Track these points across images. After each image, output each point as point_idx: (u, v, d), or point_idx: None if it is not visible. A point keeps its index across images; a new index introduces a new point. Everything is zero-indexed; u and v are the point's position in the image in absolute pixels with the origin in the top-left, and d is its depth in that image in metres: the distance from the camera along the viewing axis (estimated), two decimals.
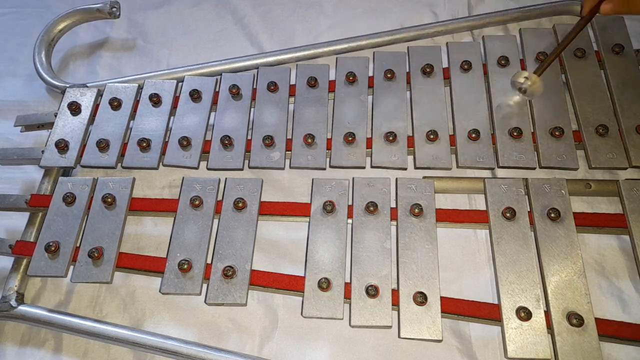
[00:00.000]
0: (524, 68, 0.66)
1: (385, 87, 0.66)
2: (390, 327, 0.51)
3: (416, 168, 0.60)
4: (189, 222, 0.57)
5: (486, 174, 0.63)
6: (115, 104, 0.66)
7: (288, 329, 0.55)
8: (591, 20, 0.59)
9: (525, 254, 0.54)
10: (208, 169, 0.61)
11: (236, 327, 0.56)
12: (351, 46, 0.73)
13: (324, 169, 0.61)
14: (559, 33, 0.69)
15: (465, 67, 0.66)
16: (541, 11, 0.76)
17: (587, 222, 0.56)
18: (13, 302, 0.55)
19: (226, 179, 0.60)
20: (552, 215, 0.55)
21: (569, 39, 0.59)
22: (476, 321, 0.52)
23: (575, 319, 0.49)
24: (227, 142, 0.61)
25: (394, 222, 0.57)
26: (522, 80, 0.60)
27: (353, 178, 0.59)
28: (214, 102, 0.66)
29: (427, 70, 0.66)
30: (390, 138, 0.61)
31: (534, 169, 0.60)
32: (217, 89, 0.67)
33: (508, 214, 0.55)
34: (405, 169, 0.60)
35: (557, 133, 0.60)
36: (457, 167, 0.60)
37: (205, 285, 0.54)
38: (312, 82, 0.66)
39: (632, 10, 0.56)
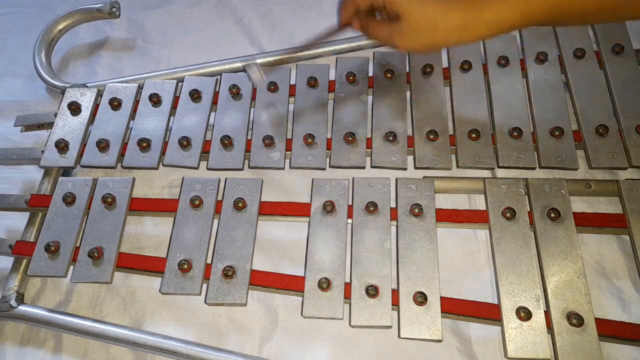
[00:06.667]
0: (523, 68, 0.66)
1: (385, 87, 0.66)
2: (390, 327, 0.51)
3: (416, 168, 0.60)
4: (189, 222, 0.57)
5: (486, 174, 0.63)
6: (115, 104, 0.66)
7: (288, 329, 0.55)
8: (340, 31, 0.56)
9: (525, 254, 0.54)
10: (208, 169, 0.61)
11: (236, 327, 0.56)
12: (351, 46, 0.73)
13: (324, 169, 0.61)
14: (559, 33, 0.69)
15: (465, 67, 0.66)
16: None
17: (587, 222, 0.56)
18: (13, 302, 0.55)
19: (226, 179, 0.60)
20: (552, 215, 0.55)
21: (314, 42, 0.58)
22: (476, 321, 0.52)
23: (575, 319, 0.49)
24: (227, 142, 0.61)
25: (394, 222, 0.57)
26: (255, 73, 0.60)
27: (353, 178, 0.59)
28: (214, 102, 0.66)
29: (427, 70, 0.66)
30: (390, 138, 0.61)
31: (534, 169, 0.60)
32: (217, 89, 0.67)
33: (508, 214, 0.55)
34: (405, 169, 0.60)
35: (557, 133, 0.60)
36: (457, 167, 0.60)
37: (205, 285, 0.54)
38: (312, 82, 0.66)
39: (369, 34, 0.53)
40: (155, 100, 0.66)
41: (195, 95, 0.66)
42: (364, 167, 0.61)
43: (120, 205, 0.58)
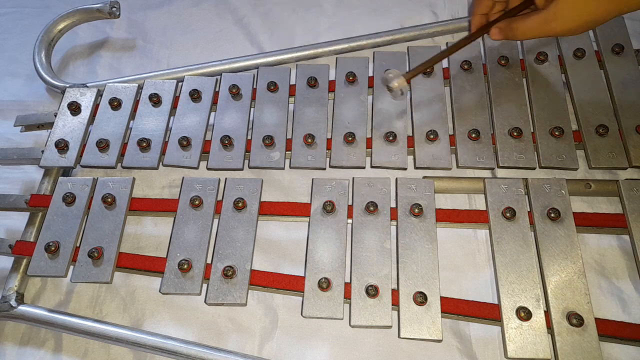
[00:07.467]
0: (523, 68, 0.66)
1: (385, 87, 0.66)
2: (390, 327, 0.51)
3: (416, 168, 0.60)
4: (189, 222, 0.57)
5: (486, 174, 0.63)
6: (115, 104, 0.66)
7: (288, 329, 0.55)
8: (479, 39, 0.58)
9: (525, 254, 0.54)
10: (208, 169, 0.61)
11: (236, 327, 0.56)
12: (351, 46, 0.73)
13: (324, 169, 0.61)
14: None
15: (465, 67, 0.66)
16: None
17: (587, 222, 0.56)
18: (13, 302, 0.55)
19: (226, 179, 0.60)
20: (552, 215, 0.55)
21: (448, 52, 0.60)
22: (476, 321, 0.52)
23: (575, 319, 0.49)
24: (227, 142, 0.61)
25: (394, 222, 0.57)
26: (393, 81, 0.58)
27: (353, 178, 0.59)
28: (214, 102, 0.66)
29: (427, 70, 0.66)
30: (390, 138, 0.61)
31: (534, 169, 0.60)
32: (217, 89, 0.67)
33: (508, 214, 0.55)
34: (405, 169, 0.60)
35: (557, 133, 0.60)
36: (457, 167, 0.60)
37: (205, 285, 0.54)
38: (312, 82, 0.66)
39: (514, 37, 0.56)
40: (155, 100, 0.66)
41: (195, 95, 0.66)
42: (364, 167, 0.61)
43: (120, 205, 0.58)
